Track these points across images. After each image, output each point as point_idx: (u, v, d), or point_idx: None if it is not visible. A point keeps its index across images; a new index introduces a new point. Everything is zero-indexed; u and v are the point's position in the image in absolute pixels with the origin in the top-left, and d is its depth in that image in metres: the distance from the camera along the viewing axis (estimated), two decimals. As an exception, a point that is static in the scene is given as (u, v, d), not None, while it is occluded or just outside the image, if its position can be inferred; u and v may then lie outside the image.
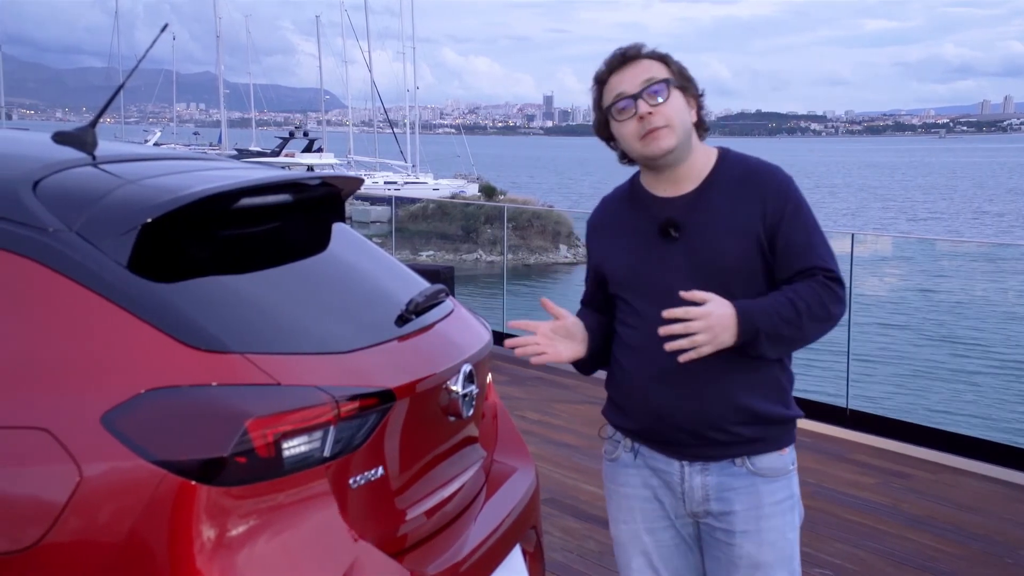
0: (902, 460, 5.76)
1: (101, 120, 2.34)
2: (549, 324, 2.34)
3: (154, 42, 2.65)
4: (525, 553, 2.62)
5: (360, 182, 2.78)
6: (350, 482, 1.95)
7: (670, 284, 2.25)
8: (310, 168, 39.32)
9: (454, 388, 2.30)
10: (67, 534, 1.75)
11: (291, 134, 62.23)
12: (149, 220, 1.94)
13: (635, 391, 2.34)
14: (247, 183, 2.22)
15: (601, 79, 2.32)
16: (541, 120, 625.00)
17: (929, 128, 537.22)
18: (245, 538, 1.77)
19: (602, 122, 2.35)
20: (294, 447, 1.83)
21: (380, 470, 2.03)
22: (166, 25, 3.07)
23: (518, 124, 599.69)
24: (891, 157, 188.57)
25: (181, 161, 2.51)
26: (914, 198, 75.10)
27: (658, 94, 2.24)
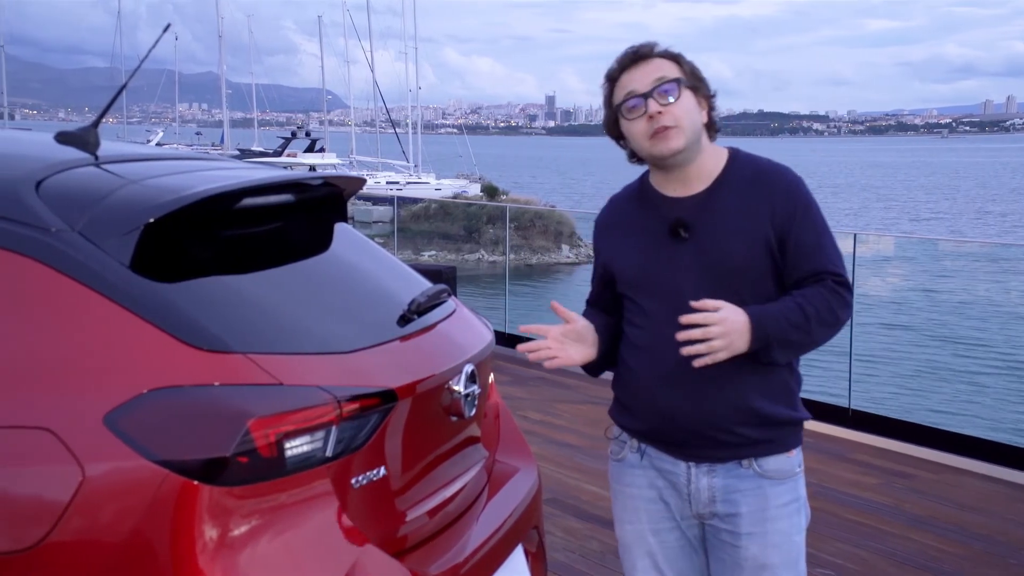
0: (904, 460, 5.76)
1: (103, 120, 2.35)
2: (560, 328, 2.33)
3: (156, 42, 2.65)
4: (527, 553, 2.62)
5: (362, 182, 2.78)
6: (352, 482, 1.95)
7: (679, 284, 2.25)
8: (312, 168, 39.36)
9: (456, 388, 2.30)
10: (70, 534, 1.75)
11: (293, 134, 62.28)
12: (151, 220, 1.94)
13: (642, 391, 2.33)
14: (249, 183, 2.22)
15: (612, 77, 2.31)
16: (543, 120, 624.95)
17: (932, 128, 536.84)
18: (247, 538, 1.77)
19: (612, 120, 2.34)
20: (296, 447, 1.83)
21: (382, 470, 2.04)
22: (168, 25, 3.07)
23: (520, 124, 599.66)
24: (894, 157, 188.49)
25: (183, 161, 2.51)
26: (916, 198, 75.05)
27: (669, 94, 2.23)
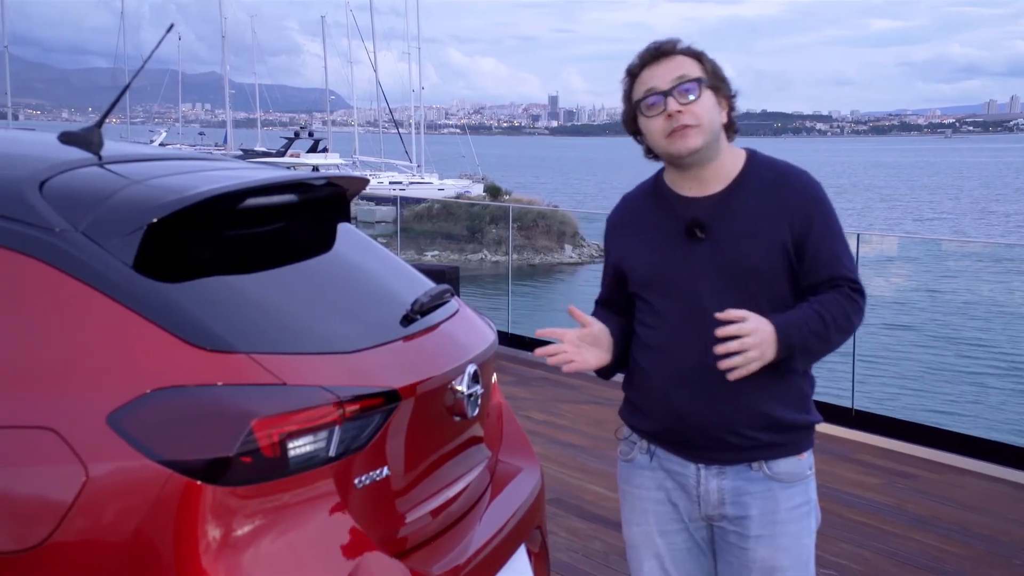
0: (907, 460, 5.75)
1: (107, 120, 2.35)
2: (576, 332, 2.30)
3: (160, 42, 2.65)
4: (530, 553, 2.62)
5: (365, 182, 2.78)
6: (355, 482, 1.95)
7: (693, 285, 2.23)
8: (315, 168, 39.37)
9: (459, 388, 2.30)
10: (73, 533, 1.75)
11: (296, 134, 62.27)
12: (155, 220, 1.95)
13: (654, 392, 2.32)
14: (252, 183, 2.22)
15: (633, 72, 2.28)
16: (546, 120, 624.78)
17: (935, 128, 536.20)
18: (251, 538, 1.78)
19: (630, 115, 2.32)
20: (299, 447, 1.83)
21: (385, 470, 2.04)
22: (172, 25, 3.07)
23: (523, 124, 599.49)
24: (897, 157, 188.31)
25: (186, 161, 2.51)
26: (920, 198, 74.96)
27: (689, 92, 2.20)
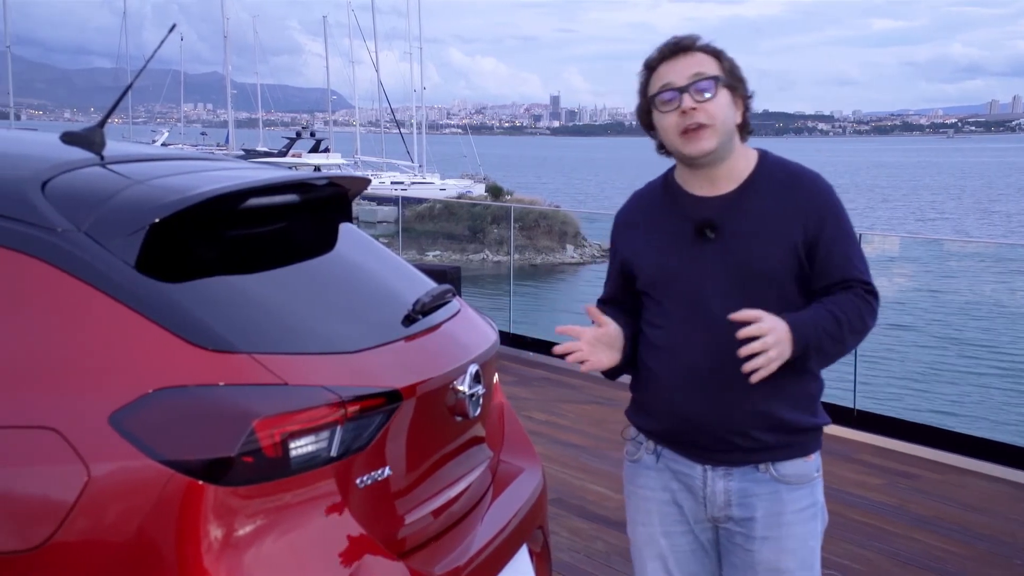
0: (909, 460, 5.75)
1: (109, 120, 2.35)
2: (593, 331, 2.26)
3: (162, 42, 2.65)
4: (532, 553, 2.62)
5: (367, 182, 2.78)
6: (357, 482, 1.95)
7: (702, 285, 2.22)
8: (317, 168, 39.38)
9: (461, 388, 2.30)
10: (75, 533, 1.75)
11: (298, 134, 62.31)
12: (157, 220, 1.95)
13: (661, 392, 2.31)
14: (254, 183, 2.22)
15: (651, 65, 2.27)
16: (548, 120, 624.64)
17: (937, 128, 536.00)
18: (252, 538, 1.78)
19: (645, 109, 2.30)
20: (301, 447, 1.83)
21: (387, 470, 2.04)
22: (174, 25, 3.07)
23: (524, 124, 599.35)
24: (899, 157, 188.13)
25: (189, 161, 2.52)
26: (922, 198, 74.91)
27: (705, 90, 2.19)
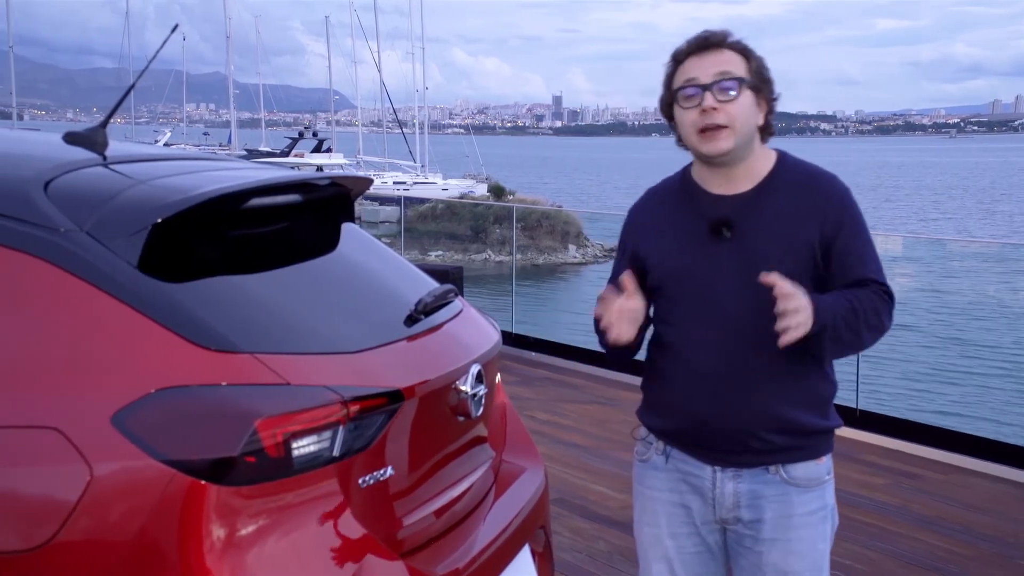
0: (912, 461, 5.74)
1: (112, 120, 2.35)
2: (624, 301, 2.21)
3: (164, 43, 2.65)
4: (534, 553, 2.62)
5: (369, 182, 2.78)
6: (359, 482, 1.95)
7: (716, 284, 2.21)
8: (320, 168, 39.40)
9: (463, 388, 2.30)
10: (78, 533, 1.75)
11: (301, 134, 62.29)
12: (159, 220, 1.95)
13: (672, 392, 2.30)
14: (257, 183, 2.22)
15: (678, 58, 2.25)
16: (550, 120, 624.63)
17: (940, 128, 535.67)
18: (255, 538, 1.78)
19: (668, 101, 2.28)
20: (303, 447, 1.83)
21: (389, 470, 2.04)
22: (176, 26, 3.08)
23: (527, 124, 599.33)
24: (902, 157, 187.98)
25: (191, 161, 2.52)
26: (924, 198, 74.85)
27: (728, 90, 2.17)
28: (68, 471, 1.76)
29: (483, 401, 2.41)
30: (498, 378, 2.71)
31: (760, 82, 2.23)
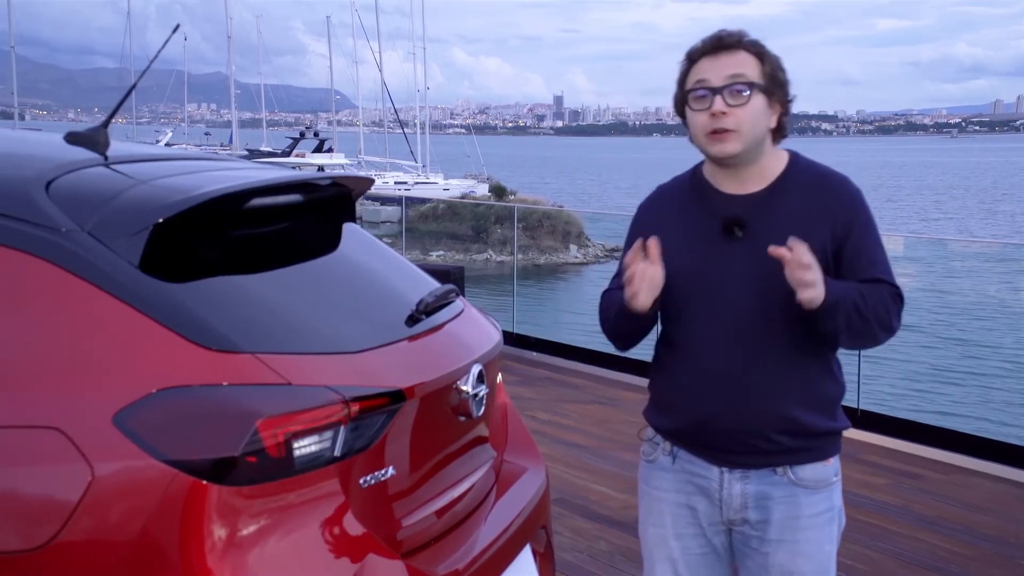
0: (913, 461, 5.74)
1: (113, 120, 2.35)
2: (648, 265, 2.17)
3: (166, 43, 2.65)
4: (535, 553, 2.62)
5: (371, 182, 2.78)
6: (360, 482, 1.95)
7: (726, 283, 2.20)
8: (321, 168, 39.40)
9: (464, 388, 2.30)
10: (79, 533, 1.75)
11: (302, 134, 62.29)
12: (161, 220, 1.95)
13: (679, 392, 2.30)
14: (258, 183, 2.22)
15: (692, 57, 2.24)
16: (551, 120, 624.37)
17: (941, 128, 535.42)
18: (256, 538, 1.78)
19: (681, 99, 2.27)
20: (305, 447, 1.83)
21: (390, 470, 2.04)
22: (178, 26, 3.08)
23: (528, 124, 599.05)
24: (903, 157, 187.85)
25: (192, 161, 2.52)
26: (926, 198, 74.80)
27: (739, 95, 2.15)
28: (69, 471, 1.76)
29: (484, 401, 2.41)
30: (499, 378, 2.71)
31: (773, 85, 2.20)
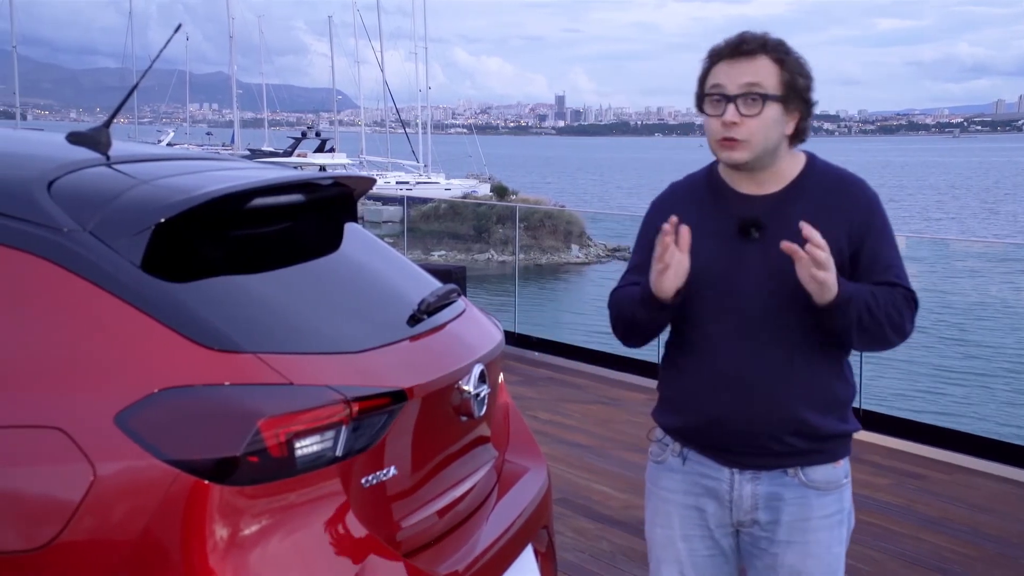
0: (916, 461, 5.73)
1: (115, 120, 2.35)
2: (676, 252, 2.14)
3: (168, 42, 2.65)
4: (537, 553, 2.62)
5: (372, 182, 2.78)
6: (362, 482, 1.95)
7: (740, 285, 2.20)
8: (322, 168, 39.41)
9: (466, 388, 2.30)
10: (81, 533, 1.75)
11: (303, 134, 62.32)
12: (162, 220, 1.95)
13: (691, 392, 2.29)
14: (260, 183, 2.22)
15: (713, 59, 2.22)
16: (553, 120, 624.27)
17: (943, 128, 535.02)
18: (258, 537, 1.78)
19: (700, 96, 2.25)
20: (306, 447, 1.83)
21: (392, 470, 2.04)
22: (179, 25, 3.08)
23: (530, 124, 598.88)
24: (905, 156, 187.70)
25: (194, 161, 2.52)
26: (928, 197, 74.77)
27: (752, 106, 2.14)
28: (71, 471, 1.76)
29: (486, 401, 2.40)
30: (501, 378, 2.71)
31: (791, 92, 2.18)
